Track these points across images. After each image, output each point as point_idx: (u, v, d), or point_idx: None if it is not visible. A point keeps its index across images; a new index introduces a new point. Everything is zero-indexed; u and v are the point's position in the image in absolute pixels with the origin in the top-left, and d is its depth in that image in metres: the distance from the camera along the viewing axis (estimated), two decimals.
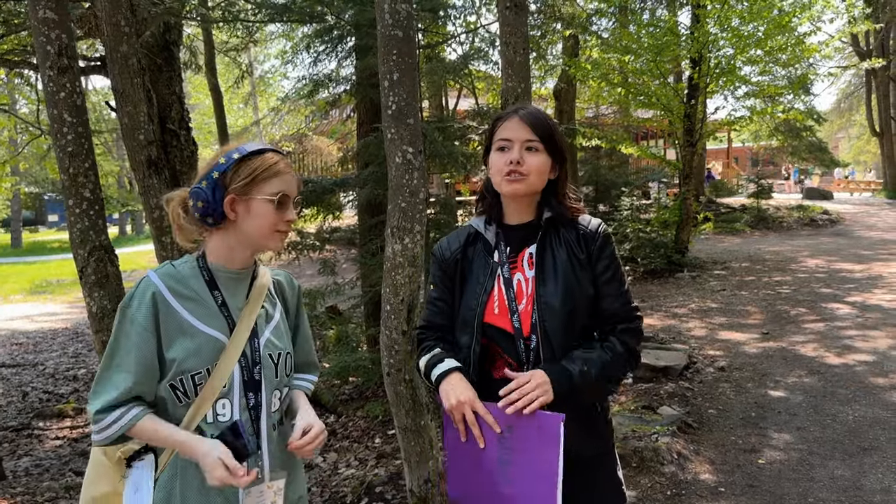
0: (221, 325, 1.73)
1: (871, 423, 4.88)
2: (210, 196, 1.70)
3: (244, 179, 1.70)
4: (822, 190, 27.79)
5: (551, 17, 11.96)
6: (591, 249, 1.91)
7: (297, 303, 1.98)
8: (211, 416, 1.70)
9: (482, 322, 1.90)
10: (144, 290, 1.69)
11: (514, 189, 1.88)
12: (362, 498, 4.12)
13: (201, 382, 1.68)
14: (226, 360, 1.70)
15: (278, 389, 1.81)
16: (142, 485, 1.70)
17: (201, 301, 1.73)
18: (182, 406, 1.69)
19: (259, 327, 1.80)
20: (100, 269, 3.63)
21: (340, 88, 6.83)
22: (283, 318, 1.89)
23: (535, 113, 1.92)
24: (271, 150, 1.76)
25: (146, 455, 1.72)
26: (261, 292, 1.82)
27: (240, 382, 1.73)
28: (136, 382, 1.65)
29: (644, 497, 3.97)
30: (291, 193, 1.75)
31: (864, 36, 27.26)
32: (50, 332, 11.31)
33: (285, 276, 1.97)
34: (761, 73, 12.84)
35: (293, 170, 1.79)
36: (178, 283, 1.72)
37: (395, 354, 3.23)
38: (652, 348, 6.68)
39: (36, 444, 5.95)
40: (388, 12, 3.05)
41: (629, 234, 12.55)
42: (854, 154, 50.35)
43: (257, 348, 1.77)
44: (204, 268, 1.77)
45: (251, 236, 1.74)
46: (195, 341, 1.69)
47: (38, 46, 3.50)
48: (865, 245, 14.63)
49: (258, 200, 1.70)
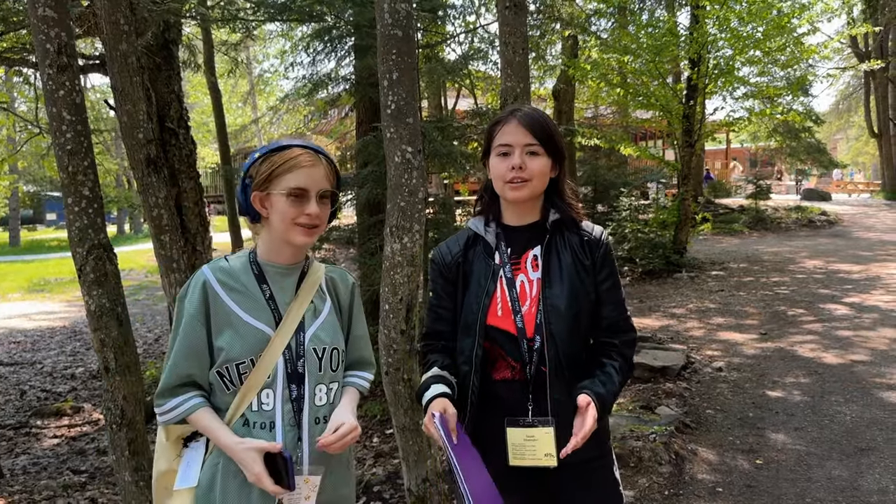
0: (268, 318, 1.79)
1: (869, 423, 4.89)
2: (240, 194, 1.81)
3: (263, 176, 1.77)
4: (820, 191, 27.84)
5: (551, 18, 11.96)
6: (595, 256, 1.93)
7: (350, 300, 2.00)
8: (256, 405, 1.76)
9: (485, 324, 1.90)
10: (196, 281, 1.78)
11: (517, 195, 1.89)
12: (360, 497, 4.12)
13: (246, 372, 1.75)
14: (270, 352, 1.76)
15: (323, 384, 1.84)
16: (192, 463, 1.81)
17: (249, 294, 1.80)
18: (229, 393, 1.77)
19: (306, 321, 1.84)
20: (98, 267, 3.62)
21: (339, 88, 6.84)
22: (333, 314, 1.92)
23: (533, 115, 1.91)
24: (297, 146, 1.80)
25: (200, 437, 1.82)
26: (311, 288, 1.87)
27: (283, 374, 1.78)
28: (189, 367, 1.76)
29: (642, 497, 3.98)
30: (311, 187, 1.76)
31: (863, 38, 27.28)
32: (48, 331, 11.30)
33: (340, 274, 2.01)
34: (760, 74, 12.86)
35: (322, 164, 1.81)
36: (228, 277, 1.81)
37: (393, 353, 3.23)
38: (650, 348, 6.69)
39: (34, 442, 5.94)
40: (388, 11, 3.05)
41: (628, 234, 12.55)
42: (852, 155, 50.41)
43: (302, 342, 1.82)
44: (254, 262, 1.85)
45: (278, 231, 1.79)
46: (241, 332, 1.76)
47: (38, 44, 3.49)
48: (863, 246, 14.64)
49: (276, 195, 1.76)
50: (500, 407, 1.88)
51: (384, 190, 3.53)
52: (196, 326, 1.75)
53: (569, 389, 1.85)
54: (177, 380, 1.76)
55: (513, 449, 1.84)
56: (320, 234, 1.91)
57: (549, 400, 1.85)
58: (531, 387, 1.87)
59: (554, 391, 1.85)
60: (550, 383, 1.85)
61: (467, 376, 1.92)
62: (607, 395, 1.83)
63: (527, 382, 1.87)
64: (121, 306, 3.69)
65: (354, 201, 6.77)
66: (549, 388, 1.85)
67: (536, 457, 1.82)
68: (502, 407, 1.88)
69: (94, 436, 6.03)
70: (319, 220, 1.79)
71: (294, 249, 1.85)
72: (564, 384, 1.86)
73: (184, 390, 1.76)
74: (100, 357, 3.64)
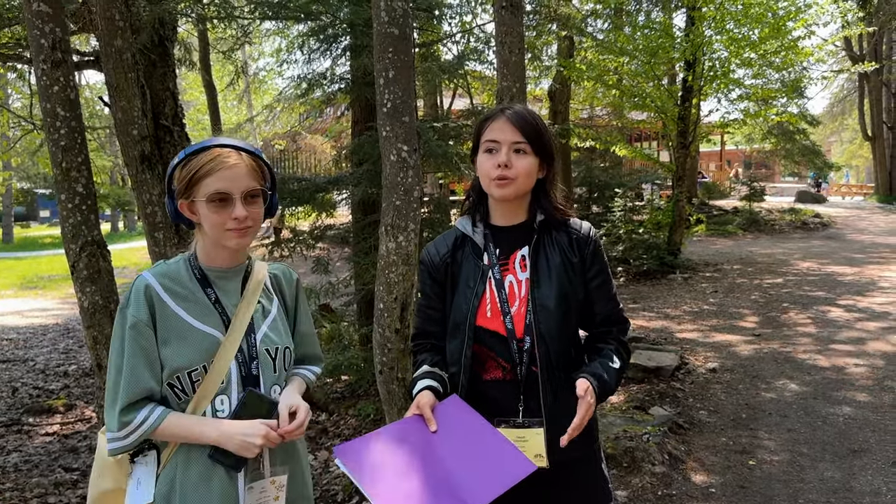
0: (216, 322, 1.73)
1: (862, 424, 4.91)
2: (168, 203, 1.74)
3: (183, 184, 1.69)
4: (814, 193, 27.96)
5: (547, 18, 11.97)
6: (584, 254, 1.92)
7: (295, 296, 1.96)
8: (210, 413, 1.70)
9: (474, 325, 1.89)
10: (139, 289, 1.69)
11: (503, 193, 1.87)
12: (353, 496, 4.11)
13: (198, 379, 1.69)
14: (222, 357, 1.71)
15: (278, 385, 1.80)
16: (143, 480, 1.72)
17: (195, 299, 1.73)
18: (182, 403, 1.70)
19: (255, 323, 1.79)
20: (92, 264, 3.61)
21: (335, 87, 6.81)
22: (280, 312, 1.88)
23: (522, 113, 1.89)
24: (216, 146, 1.71)
25: (149, 451, 1.73)
26: (256, 288, 1.82)
27: (237, 378, 1.73)
28: (149, 379, 1.67)
29: (635, 497, 3.98)
30: (234, 189, 1.67)
31: (858, 40, 27.40)
32: (41, 328, 11.24)
33: (282, 270, 1.95)
34: (755, 77, 12.89)
35: (245, 161, 1.72)
36: (172, 282, 1.73)
37: (387, 353, 3.23)
38: (644, 349, 6.69)
39: (25, 439, 5.91)
40: (385, 10, 3.05)
41: (622, 235, 12.57)
42: (846, 158, 50.58)
43: (254, 344, 1.77)
44: (195, 266, 1.78)
45: (210, 236, 1.73)
46: (191, 339, 1.69)
47: (32, 40, 3.48)
48: (857, 248, 14.70)
49: (199, 203, 1.69)
50: (491, 407, 1.87)
51: (379, 189, 3.52)
52: (148, 334, 1.66)
53: (560, 389, 1.85)
54: (140, 393, 1.65)
55: None
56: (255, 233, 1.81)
57: (541, 401, 1.85)
58: (522, 387, 1.87)
59: (546, 392, 1.85)
60: (542, 384, 1.84)
61: (456, 377, 1.91)
62: (608, 378, 1.83)
63: (517, 383, 1.87)
64: (114, 303, 3.69)
65: (349, 200, 6.75)
66: (540, 388, 1.85)
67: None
68: (492, 407, 1.87)
69: (87, 433, 6.00)
70: (250, 221, 1.71)
71: (232, 252, 1.79)
72: (556, 384, 1.86)
73: (144, 403, 1.66)
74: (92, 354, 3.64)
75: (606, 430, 4.67)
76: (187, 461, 1.70)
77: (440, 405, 1.83)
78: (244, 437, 1.64)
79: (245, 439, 1.64)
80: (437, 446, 1.74)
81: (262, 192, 1.75)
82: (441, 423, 1.78)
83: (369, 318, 5.41)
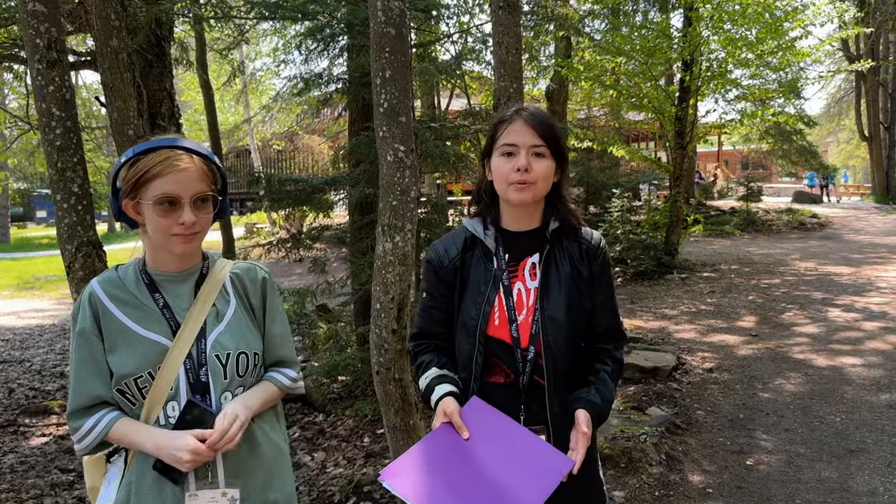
0: (164, 329, 1.69)
1: (858, 425, 4.91)
2: (112, 202, 1.70)
3: (130, 183, 1.64)
4: (811, 194, 28.00)
5: (544, 18, 11.96)
6: (593, 266, 1.90)
7: (262, 296, 1.86)
8: (163, 418, 1.68)
9: (485, 333, 1.86)
10: (85, 297, 1.69)
11: (522, 198, 1.82)
12: (350, 497, 4.10)
13: (145, 386, 1.66)
14: (169, 363, 1.66)
15: (229, 391, 1.73)
16: (112, 480, 1.73)
17: (141, 305, 1.70)
18: (135, 408, 1.68)
19: (208, 327, 1.73)
20: (87, 264, 3.60)
21: (332, 87, 6.80)
22: (240, 314, 1.80)
23: (540, 115, 1.85)
24: (166, 147, 1.65)
25: (120, 453, 1.74)
26: (211, 290, 1.76)
27: (186, 385, 1.68)
28: (97, 386, 1.67)
29: (632, 497, 3.98)
30: (183, 193, 1.62)
31: (855, 41, 27.45)
32: (37, 329, 11.22)
33: (246, 269, 1.86)
34: (752, 77, 12.91)
35: (196, 164, 1.66)
36: (118, 289, 1.70)
37: (384, 353, 3.22)
38: (641, 349, 6.69)
39: (21, 440, 5.90)
40: (381, 10, 3.04)
41: (620, 235, 12.58)
42: (843, 159, 50.66)
43: (203, 349, 1.71)
44: (143, 271, 1.74)
45: (155, 241, 1.69)
46: (136, 346, 1.66)
47: (28, 40, 3.47)
48: (854, 249, 14.72)
49: (145, 205, 1.64)
50: None
51: (376, 189, 3.52)
52: (94, 342, 1.65)
53: (566, 399, 1.85)
54: (87, 400, 1.66)
55: None
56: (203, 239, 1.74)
57: (547, 410, 1.84)
58: (523, 396, 1.85)
59: (552, 402, 1.84)
60: (549, 395, 1.83)
61: (466, 381, 1.90)
62: (603, 405, 1.83)
63: (519, 391, 1.86)
64: None
65: (346, 201, 6.75)
66: (547, 399, 1.83)
67: None
68: None
69: None
70: (198, 226, 1.65)
71: (178, 257, 1.73)
72: (562, 394, 1.85)
73: (95, 409, 1.66)
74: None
75: (603, 430, 4.66)
76: (143, 467, 1.68)
77: (465, 410, 1.80)
78: (173, 450, 1.60)
79: (174, 453, 1.60)
80: (475, 454, 1.73)
81: (211, 197, 1.69)
82: (472, 429, 1.76)
83: (366, 319, 5.40)
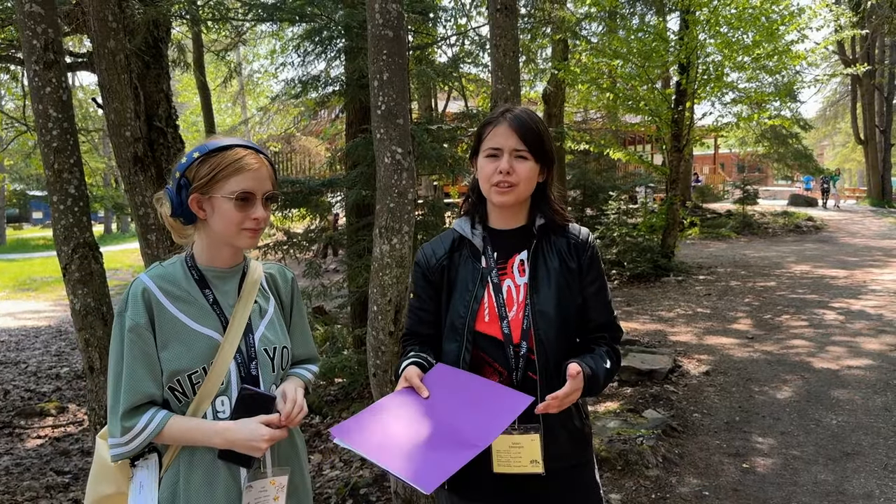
0: (215, 324, 1.73)
1: (854, 427, 4.92)
2: (174, 195, 1.72)
3: (205, 177, 1.69)
4: (807, 197, 28.07)
5: (541, 21, 12.00)
6: (582, 260, 1.92)
7: (291, 295, 1.95)
8: (210, 414, 1.70)
9: (473, 330, 1.88)
10: (136, 291, 1.68)
11: (503, 200, 1.86)
12: (347, 499, 4.10)
13: (199, 381, 1.68)
14: (222, 358, 1.70)
15: (276, 384, 1.80)
16: (146, 484, 1.71)
17: (193, 301, 1.73)
18: (182, 405, 1.69)
19: (253, 323, 1.79)
20: (84, 266, 3.59)
21: (330, 89, 6.80)
22: (277, 312, 1.88)
23: (524, 118, 1.88)
24: (239, 146, 1.73)
25: (150, 455, 1.72)
26: (252, 288, 1.82)
27: (237, 379, 1.73)
28: (150, 384, 1.66)
29: (628, 500, 3.98)
30: (257, 190, 1.71)
31: (850, 44, 27.53)
32: (33, 330, 11.20)
33: (278, 269, 1.96)
34: (748, 80, 12.94)
35: (265, 165, 1.75)
36: (170, 284, 1.72)
37: (381, 355, 3.22)
38: (637, 352, 6.70)
39: (17, 442, 5.88)
40: (379, 12, 3.04)
41: (616, 238, 12.60)
42: (839, 162, 50.80)
43: (252, 344, 1.77)
44: (192, 267, 1.77)
45: (220, 235, 1.73)
46: (190, 341, 1.69)
47: (24, 41, 3.47)
48: (850, 251, 14.76)
49: (219, 199, 1.69)
50: None
51: (373, 192, 3.52)
52: (147, 338, 1.66)
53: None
54: (141, 398, 1.65)
55: (497, 456, 1.81)
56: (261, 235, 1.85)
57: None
58: None
59: (544, 398, 1.84)
60: (541, 390, 1.82)
61: None
62: (598, 374, 1.82)
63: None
64: (106, 306, 3.67)
65: (343, 203, 6.75)
66: (539, 394, 1.82)
67: (522, 464, 1.80)
68: None
69: (79, 436, 5.97)
70: (264, 222, 1.75)
71: (234, 251, 1.80)
72: (554, 390, 1.85)
73: (145, 409, 1.66)
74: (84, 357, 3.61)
75: (600, 433, 4.67)
76: (190, 464, 1.69)
77: (428, 374, 1.83)
78: (247, 439, 1.63)
79: (248, 442, 1.63)
80: (433, 408, 1.74)
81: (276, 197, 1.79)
82: (432, 389, 1.78)
83: (363, 321, 5.40)
